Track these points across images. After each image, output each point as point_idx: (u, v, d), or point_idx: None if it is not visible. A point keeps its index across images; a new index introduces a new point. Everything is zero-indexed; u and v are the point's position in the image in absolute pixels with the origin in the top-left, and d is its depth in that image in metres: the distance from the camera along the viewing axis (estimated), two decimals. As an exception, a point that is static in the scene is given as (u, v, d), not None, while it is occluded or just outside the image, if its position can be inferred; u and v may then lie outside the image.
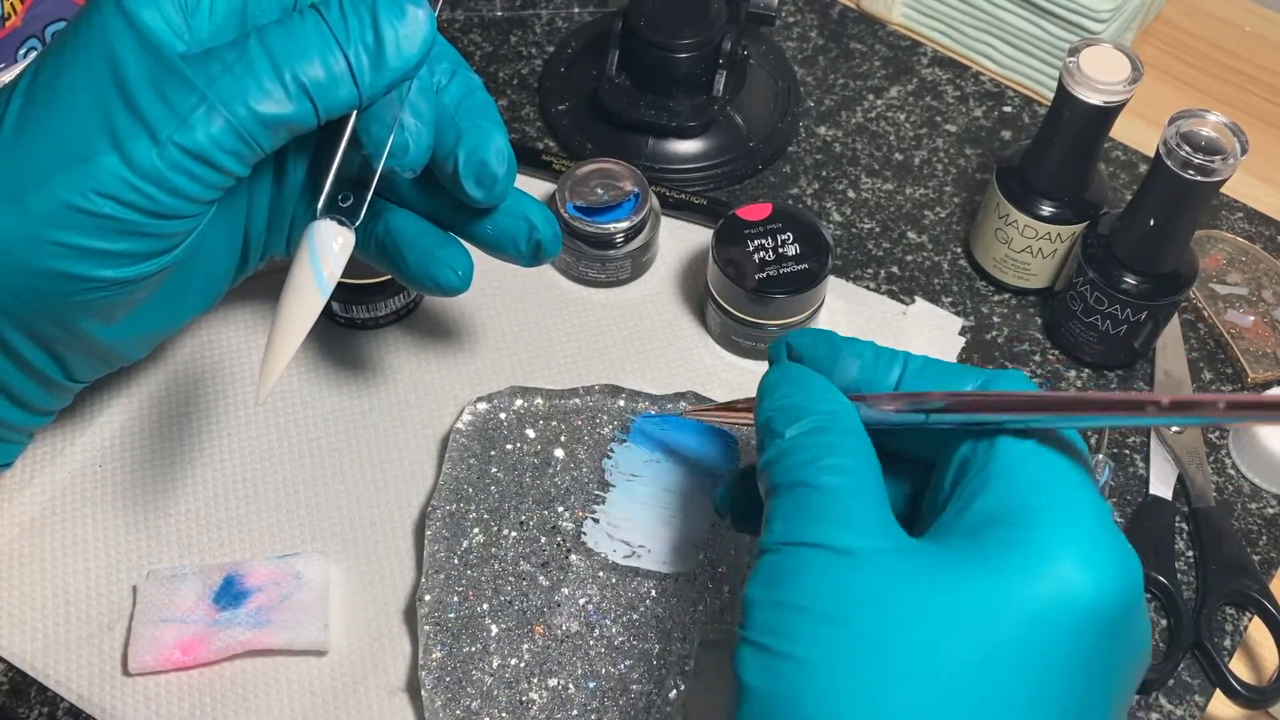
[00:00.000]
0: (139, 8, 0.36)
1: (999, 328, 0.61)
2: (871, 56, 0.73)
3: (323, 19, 0.37)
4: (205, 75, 0.36)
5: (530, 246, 0.48)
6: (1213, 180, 0.50)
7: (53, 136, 0.36)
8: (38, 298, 0.37)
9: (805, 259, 0.55)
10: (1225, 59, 0.76)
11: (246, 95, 0.36)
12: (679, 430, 0.55)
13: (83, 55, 0.36)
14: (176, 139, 0.35)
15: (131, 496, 0.53)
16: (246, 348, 0.58)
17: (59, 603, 0.50)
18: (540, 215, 0.47)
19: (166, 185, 0.36)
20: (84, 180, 0.35)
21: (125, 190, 0.36)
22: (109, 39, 0.36)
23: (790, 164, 0.68)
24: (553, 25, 0.74)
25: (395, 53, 0.38)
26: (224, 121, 0.36)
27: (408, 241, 0.46)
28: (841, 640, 0.30)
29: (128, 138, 0.35)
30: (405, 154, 0.41)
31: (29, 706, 0.49)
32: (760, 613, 0.32)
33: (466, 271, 0.47)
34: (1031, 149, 0.58)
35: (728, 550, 0.52)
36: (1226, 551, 0.53)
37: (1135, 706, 0.50)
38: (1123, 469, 0.57)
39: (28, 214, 0.35)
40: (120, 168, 0.35)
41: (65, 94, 0.36)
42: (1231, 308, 0.62)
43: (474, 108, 0.45)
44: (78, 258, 0.36)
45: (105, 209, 0.36)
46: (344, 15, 0.37)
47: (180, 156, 0.36)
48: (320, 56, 0.37)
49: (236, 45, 0.37)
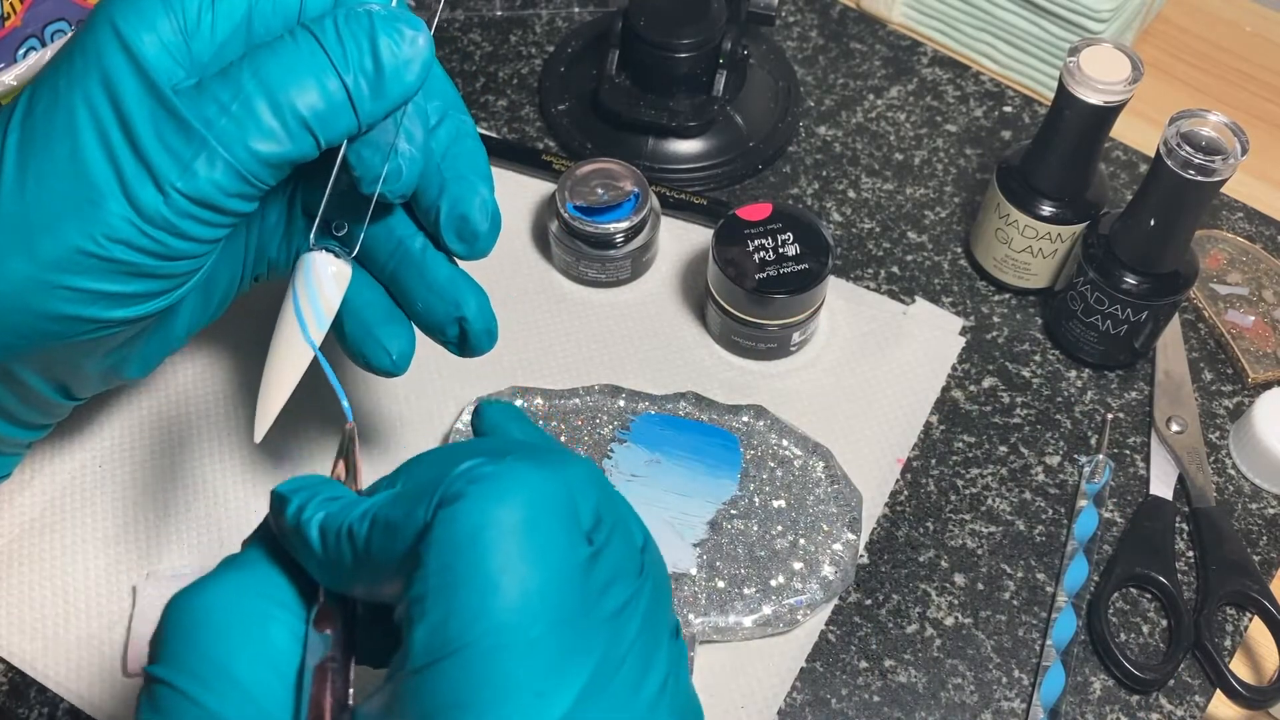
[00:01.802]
0: (136, 35, 0.35)
1: (999, 328, 0.61)
2: (872, 56, 0.73)
3: (319, 44, 0.35)
4: (203, 117, 0.35)
5: (456, 336, 0.44)
6: (1213, 180, 0.50)
7: (59, 178, 0.35)
8: (46, 338, 0.37)
9: (805, 259, 0.55)
10: (1225, 59, 0.76)
11: (246, 137, 0.35)
12: (679, 430, 0.55)
13: (79, 87, 0.35)
14: (180, 186, 0.35)
15: (131, 496, 0.53)
16: (246, 348, 0.58)
17: (59, 603, 0.50)
18: (475, 305, 0.43)
19: (174, 230, 0.35)
20: (95, 226, 0.35)
21: (135, 235, 0.35)
22: (106, 70, 0.34)
23: (790, 164, 0.68)
24: (553, 25, 0.74)
25: (395, 78, 0.36)
26: (225, 165, 0.35)
27: (350, 309, 0.43)
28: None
29: (134, 183, 0.35)
30: (398, 180, 0.39)
31: (29, 706, 0.49)
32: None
33: (402, 356, 0.43)
34: (1032, 149, 0.57)
35: (727, 550, 0.52)
36: (1227, 551, 0.53)
37: (1135, 706, 0.50)
38: (1123, 469, 0.57)
39: (38, 259, 0.35)
40: (129, 213, 0.35)
41: (65, 130, 0.35)
42: (1232, 308, 0.62)
43: (462, 156, 0.43)
44: (88, 301, 0.36)
45: (116, 253, 0.35)
46: (340, 39, 0.36)
47: (186, 203, 0.35)
48: (319, 87, 0.35)
49: (230, 79, 0.35)
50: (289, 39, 0.36)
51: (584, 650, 0.26)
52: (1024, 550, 0.54)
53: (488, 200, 0.43)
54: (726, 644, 0.50)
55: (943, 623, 0.52)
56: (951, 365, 0.60)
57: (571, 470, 0.29)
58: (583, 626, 0.27)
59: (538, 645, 0.26)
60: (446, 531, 0.27)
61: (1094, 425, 0.58)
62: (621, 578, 0.28)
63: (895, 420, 0.57)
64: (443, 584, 0.26)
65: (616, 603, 0.28)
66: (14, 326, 0.36)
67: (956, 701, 0.50)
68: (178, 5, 0.36)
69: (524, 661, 0.26)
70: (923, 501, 0.55)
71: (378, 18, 0.36)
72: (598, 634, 0.27)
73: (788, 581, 0.51)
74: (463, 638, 0.26)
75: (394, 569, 0.28)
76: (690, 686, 0.31)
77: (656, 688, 0.28)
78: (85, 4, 0.60)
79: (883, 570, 0.53)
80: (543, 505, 0.27)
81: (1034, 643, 0.52)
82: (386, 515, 0.29)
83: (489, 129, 0.69)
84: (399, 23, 0.36)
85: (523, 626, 0.26)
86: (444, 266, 0.43)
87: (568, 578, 0.27)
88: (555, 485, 0.28)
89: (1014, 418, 0.58)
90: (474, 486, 0.27)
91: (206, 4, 0.36)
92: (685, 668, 0.30)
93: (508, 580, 0.26)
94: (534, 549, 0.27)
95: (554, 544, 0.27)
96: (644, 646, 0.28)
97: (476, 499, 0.27)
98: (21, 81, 0.58)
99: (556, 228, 0.60)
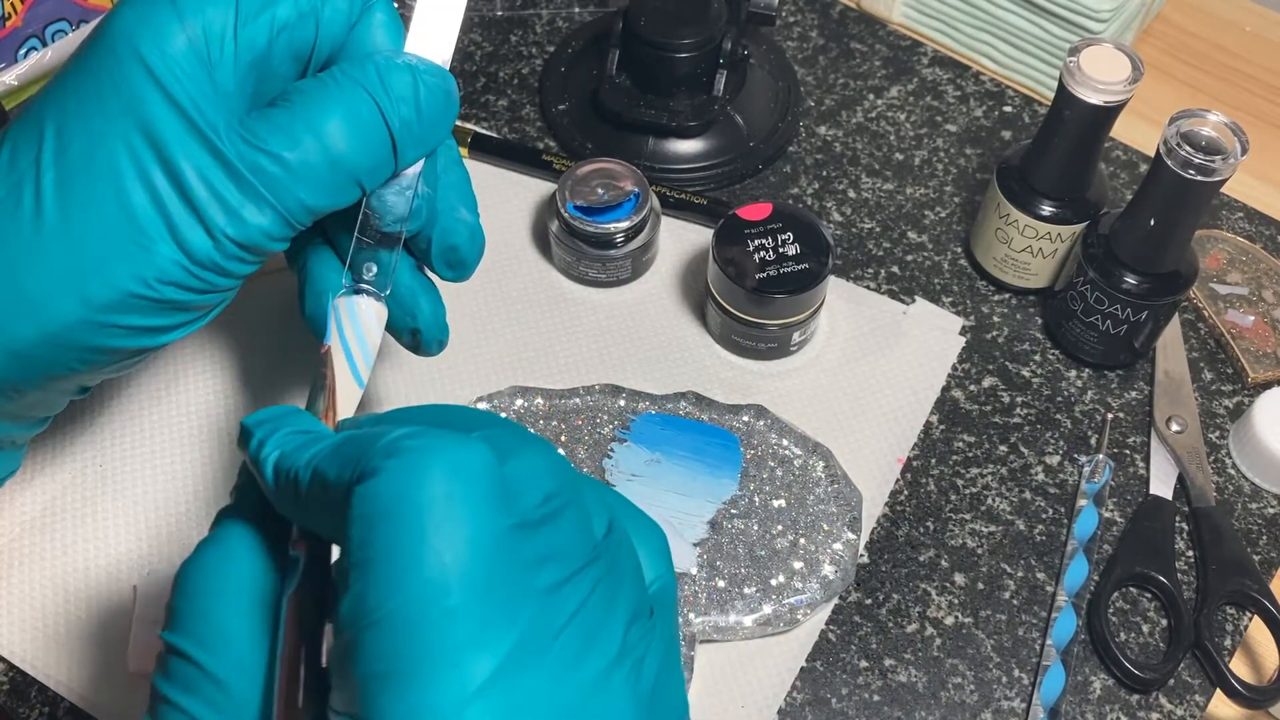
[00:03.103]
0: (168, 76, 0.35)
1: (999, 327, 0.61)
2: (872, 56, 0.73)
3: (373, 100, 0.37)
4: (252, 165, 0.35)
5: (409, 342, 0.45)
6: (1213, 180, 0.50)
7: (105, 222, 0.35)
8: (85, 367, 0.38)
9: (805, 259, 0.55)
10: (1225, 59, 0.76)
11: (298, 190, 0.36)
12: (679, 430, 0.55)
13: (116, 127, 0.35)
14: (230, 234, 0.36)
15: (131, 496, 0.53)
16: (247, 348, 0.58)
17: (59, 603, 0.50)
18: (429, 316, 0.44)
19: (220, 270, 0.37)
20: (146, 270, 0.35)
21: (184, 276, 0.36)
22: (143, 112, 0.35)
23: (790, 164, 0.68)
24: (553, 25, 0.74)
25: (432, 130, 0.38)
26: (274, 213, 0.36)
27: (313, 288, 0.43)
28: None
29: (184, 229, 0.35)
30: (419, 219, 0.41)
31: (29, 706, 0.49)
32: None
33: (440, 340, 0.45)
34: (1032, 149, 0.57)
35: (727, 550, 0.52)
36: (1227, 551, 0.53)
37: (1135, 706, 0.50)
38: (1123, 469, 0.57)
39: (89, 303, 0.35)
40: (180, 256, 0.36)
41: (106, 173, 0.35)
42: (1232, 308, 0.62)
43: (451, 186, 0.43)
44: (133, 335, 0.37)
45: (166, 294, 0.36)
46: (387, 92, 0.37)
47: (233, 248, 0.36)
48: (373, 144, 0.37)
49: (281, 128, 0.36)
50: (335, 87, 0.37)
51: (506, 622, 0.26)
52: (1024, 550, 0.54)
53: (476, 230, 0.44)
54: (726, 643, 0.50)
55: (943, 622, 0.52)
56: (951, 365, 0.60)
57: (523, 451, 0.29)
58: (506, 599, 0.26)
59: (454, 615, 0.26)
60: (362, 507, 0.27)
61: (1094, 425, 0.58)
62: (562, 557, 0.28)
63: (895, 420, 0.57)
64: (361, 559, 0.27)
65: (552, 579, 0.27)
66: (59, 360, 0.37)
67: (956, 701, 0.50)
68: (199, 32, 0.36)
69: (440, 631, 0.26)
70: (923, 501, 0.55)
71: (420, 72, 0.38)
72: (524, 607, 0.26)
73: (788, 581, 0.51)
74: (380, 609, 0.26)
75: (333, 520, 0.29)
76: (671, 683, 0.30)
77: (601, 670, 0.27)
78: (86, 4, 0.60)
79: (883, 570, 0.53)
80: (460, 479, 0.27)
81: (1034, 642, 0.52)
82: (324, 470, 0.29)
83: (489, 129, 0.69)
84: (437, 77, 0.38)
85: (438, 597, 0.26)
86: (405, 276, 0.43)
87: (489, 550, 0.27)
88: (474, 459, 0.27)
89: (1014, 417, 0.58)
90: (391, 461, 0.27)
91: (229, 33, 0.37)
92: (659, 658, 0.29)
93: (423, 553, 0.26)
94: (450, 522, 0.26)
95: (472, 516, 0.27)
96: (587, 625, 0.27)
97: (391, 474, 0.27)
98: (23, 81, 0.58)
99: (556, 228, 0.60)
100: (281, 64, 0.39)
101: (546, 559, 0.27)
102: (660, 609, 0.31)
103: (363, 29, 0.40)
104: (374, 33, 0.40)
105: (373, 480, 0.27)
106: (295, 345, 0.58)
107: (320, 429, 0.32)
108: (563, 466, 0.30)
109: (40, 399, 0.40)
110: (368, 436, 0.29)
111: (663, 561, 0.33)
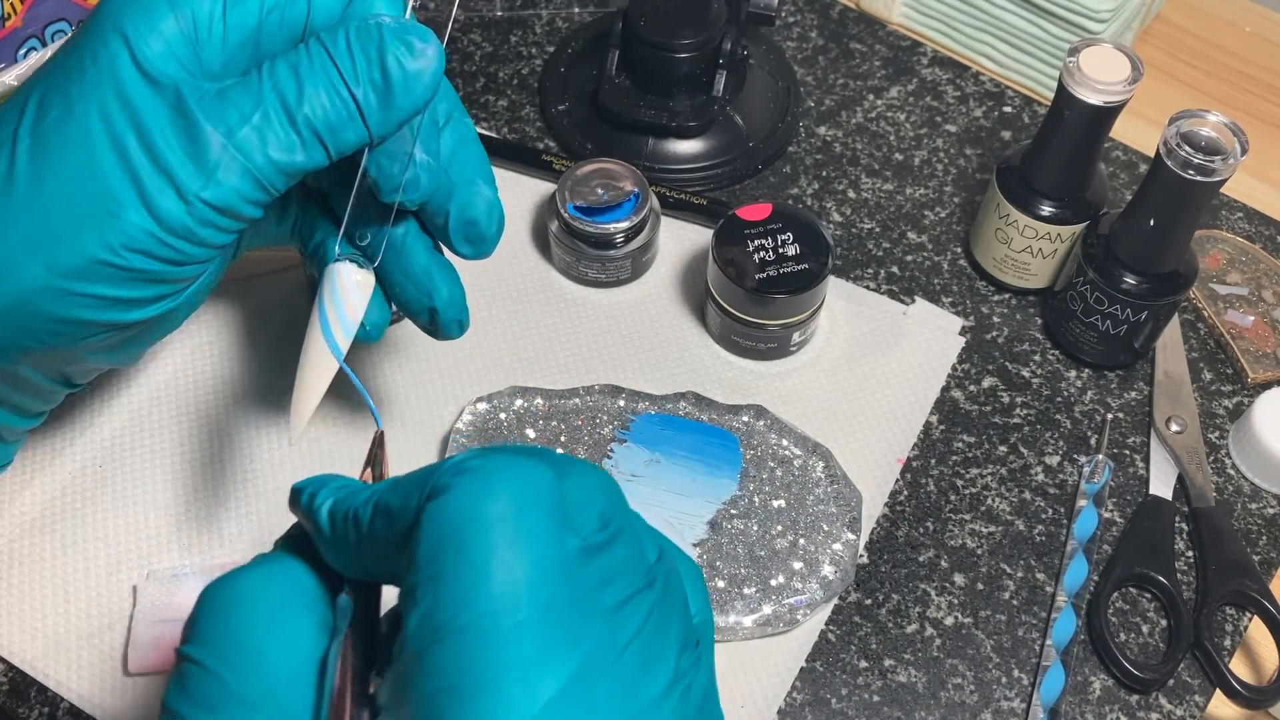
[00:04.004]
0: (144, 45, 0.35)
1: (999, 328, 0.61)
2: (871, 56, 0.73)
3: (329, 57, 0.37)
4: (224, 125, 0.36)
5: (426, 323, 0.45)
6: (1213, 180, 0.50)
7: (75, 187, 0.35)
8: (58, 340, 0.38)
9: (805, 259, 0.55)
10: (1225, 59, 0.76)
11: (265, 146, 0.36)
12: (679, 430, 0.55)
13: (92, 96, 0.35)
14: (204, 195, 0.36)
15: (131, 496, 0.53)
16: (246, 348, 0.58)
17: (59, 603, 0.50)
18: (447, 295, 0.44)
19: (193, 238, 0.37)
20: (114, 236, 0.35)
21: (154, 244, 0.36)
22: (120, 81, 0.35)
23: (790, 164, 0.68)
24: (553, 25, 0.74)
25: (404, 91, 0.37)
26: (245, 172, 0.36)
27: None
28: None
29: (155, 193, 0.35)
30: (416, 188, 0.41)
31: (29, 706, 0.49)
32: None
33: (375, 327, 0.44)
34: (1031, 149, 0.57)
35: (727, 550, 0.52)
36: (1226, 551, 0.53)
37: (1135, 706, 0.50)
38: (1123, 469, 0.57)
39: (56, 268, 0.35)
40: (149, 223, 0.36)
41: (79, 140, 0.35)
42: (1231, 308, 0.62)
43: (467, 160, 0.43)
44: (102, 306, 0.37)
45: (134, 262, 0.36)
46: (350, 52, 0.37)
47: (207, 211, 0.36)
48: (329, 99, 0.36)
49: (249, 89, 0.36)
50: (303, 51, 0.37)
51: (572, 639, 0.26)
52: (1024, 550, 0.54)
53: (494, 203, 0.43)
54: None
55: (943, 622, 0.52)
56: (951, 365, 0.60)
57: (576, 473, 0.29)
58: (572, 616, 0.27)
59: (523, 630, 0.26)
60: (433, 523, 0.27)
61: (1094, 425, 0.58)
62: (622, 578, 0.28)
63: (895, 420, 0.57)
64: (431, 574, 0.27)
65: (614, 600, 0.28)
66: (28, 330, 0.37)
67: (956, 701, 0.50)
68: (187, 13, 0.36)
69: (509, 646, 0.26)
70: (923, 501, 0.55)
71: (387, 31, 0.37)
72: (589, 626, 0.27)
73: (788, 581, 0.51)
74: (451, 623, 0.26)
75: (395, 554, 0.29)
76: (714, 714, 0.31)
77: (658, 692, 0.27)
78: (86, 4, 0.60)
79: (883, 570, 0.53)
80: (527, 497, 0.27)
81: (1034, 642, 0.52)
82: (386, 501, 0.29)
83: (489, 129, 0.69)
84: (408, 35, 0.37)
85: (507, 612, 0.26)
86: (421, 255, 0.43)
87: (555, 567, 0.27)
88: (540, 479, 0.28)
89: (1014, 418, 0.58)
90: (460, 479, 0.28)
91: (218, 14, 0.37)
92: (703, 688, 0.30)
93: (493, 568, 0.26)
94: (519, 538, 0.27)
95: (539, 534, 0.27)
96: (645, 647, 0.28)
97: (461, 490, 0.27)
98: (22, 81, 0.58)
99: (556, 228, 0.60)
100: (274, 41, 0.39)
101: (608, 580, 0.28)
102: (704, 640, 0.32)
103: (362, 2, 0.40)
104: (375, 4, 0.40)
105: (444, 497, 0.27)
106: (296, 345, 0.58)
107: (364, 485, 0.33)
108: (616, 490, 0.30)
109: (24, 384, 0.40)
110: (427, 468, 0.29)
111: (702, 597, 0.33)
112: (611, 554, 0.28)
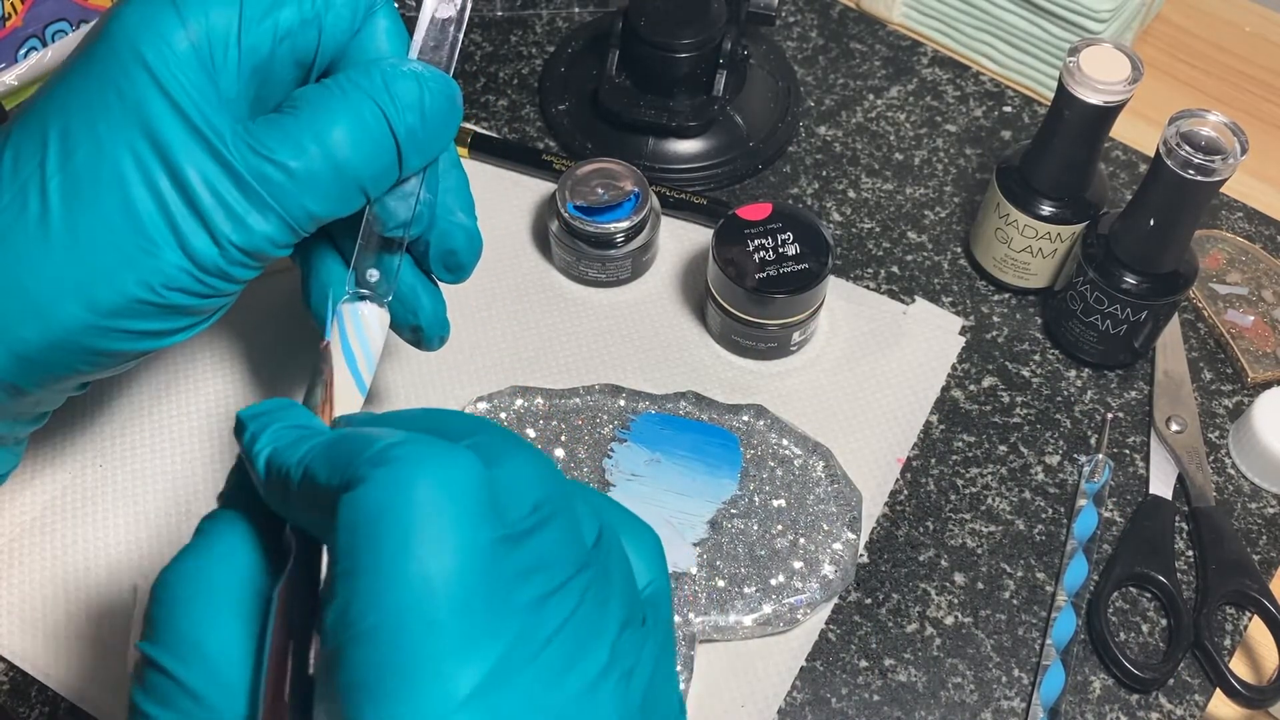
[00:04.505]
0: (172, 81, 0.35)
1: (999, 327, 0.61)
2: (871, 56, 0.73)
3: (379, 110, 0.37)
4: (258, 174, 0.36)
5: (410, 338, 0.46)
6: (1213, 180, 0.50)
7: (111, 229, 0.35)
8: (91, 369, 0.38)
9: (805, 259, 0.55)
10: (1225, 59, 0.76)
11: (304, 198, 0.37)
12: (679, 430, 0.55)
13: (121, 135, 0.35)
14: (235, 240, 0.36)
15: (131, 496, 0.53)
16: (248, 348, 0.58)
17: (59, 603, 0.50)
18: (430, 313, 0.45)
19: (226, 276, 0.37)
20: (152, 276, 0.36)
21: (190, 282, 0.37)
22: (148, 119, 0.35)
23: (790, 164, 0.68)
24: (553, 25, 0.74)
25: (437, 138, 0.38)
26: (279, 220, 0.37)
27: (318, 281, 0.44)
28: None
29: (190, 235, 0.36)
30: (420, 224, 0.41)
31: (29, 706, 0.49)
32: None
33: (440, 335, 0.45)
34: (1031, 149, 0.58)
35: (727, 549, 0.52)
36: (1226, 551, 0.53)
37: (1135, 705, 0.50)
38: (1123, 469, 0.57)
39: (96, 307, 0.36)
40: (185, 263, 0.36)
41: (112, 182, 0.35)
42: (1231, 308, 0.62)
43: (449, 189, 0.44)
44: (137, 339, 0.37)
45: (173, 300, 0.37)
46: (393, 100, 0.37)
47: (238, 254, 0.37)
48: (379, 154, 0.37)
49: (288, 135, 0.36)
50: (341, 95, 0.37)
51: (491, 634, 0.26)
52: (1024, 550, 0.54)
53: (474, 234, 0.44)
54: (726, 643, 0.50)
55: (942, 622, 0.52)
56: (951, 365, 0.60)
57: (510, 459, 0.29)
58: (491, 610, 0.26)
59: (438, 627, 0.26)
60: (349, 516, 0.27)
61: (1094, 425, 0.58)
62: (550, 566, 0.28)
63: (895, 420, 0.57)
64: (346, 568, 0.27)
65: (541, 589, 0.27)
66: (64, 362, 0.37)
67: (956, 701, 0.50)
68: (203, 40, 0.36)
69: (423, 643, 0.25)
70: (923, 501, 0.55)
71: (424, 79, 0.38)
72: (509, 619, 0.26)
73: (788, 581, 0.51)
74: (363, 621, 0.26)
75: (324, 523, 0.28)
76: (664, 688, 0.30)
77: (589, 680, 0.27)
78: (86, 4, 0.60)
79: (883, 569, 0.53)
80: (447, 489, 0.27)
81: (1034, 642, 0.52)
82: (314, 470, 0.29)
83: (489, 129, 0.69)
84: (441, 83, 0.38)
85: (421, 609, 0.26)
86: (407, 275, 0.44)
87: (473, 561, 0.26)
88: (461, 469, 0.27)
89: (1014, 417, 0.58)
90: (378, 470, 0.27)
91: (233, 40, 0.37)
92: (650, 664, 0.29)
93: (407, 563, 0.26)
94: (435, 533, 0.26)
95: (458, 528, 0.27)
96: (576, 635, 0.27)
97: (377, 484, 0.27)
98: (23, 81, 0.58)
99: (556, 228, 0.60)
100: (284, 70, 0.39)
101: (534, 570, 0.27)
102: (654, 614, 0.31)
103: (366, 35, 0.40)
104: (378, 39, 0.40)
105: (359, 489, 0.27)
106: (296, 344, 0.58)
107: (315, 424, 0.32)
108: (552, 473, 0.30)
109: (42, 397, 0.40)
110: (358, 440, 0.28)
111: (656, 565, 0.33)
112: (540, 540, 0.28)
